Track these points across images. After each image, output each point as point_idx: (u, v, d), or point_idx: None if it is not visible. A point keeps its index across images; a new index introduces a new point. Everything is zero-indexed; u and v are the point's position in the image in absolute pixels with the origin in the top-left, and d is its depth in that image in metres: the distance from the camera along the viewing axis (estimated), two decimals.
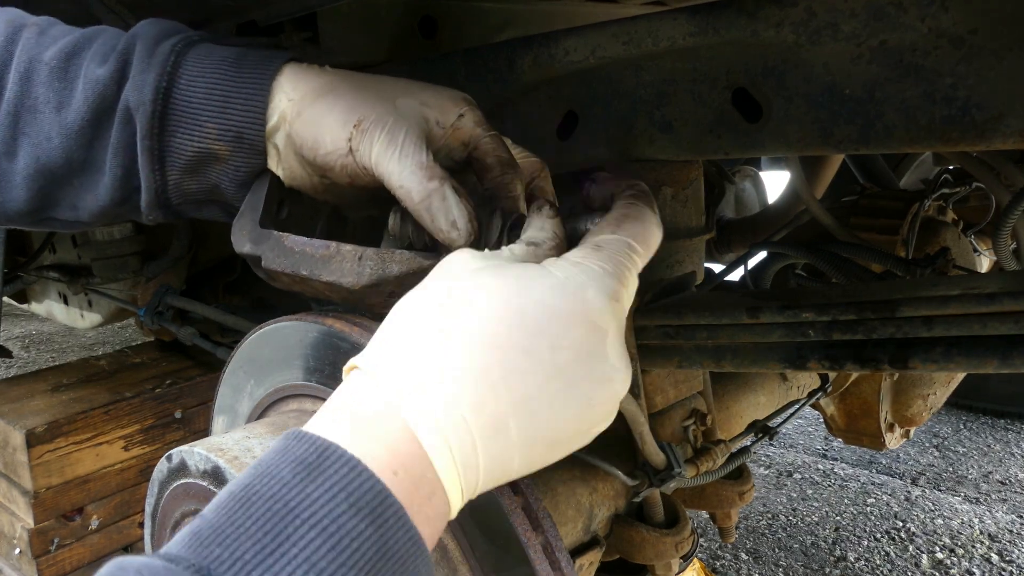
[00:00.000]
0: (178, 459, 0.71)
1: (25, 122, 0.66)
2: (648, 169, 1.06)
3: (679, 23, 0.84)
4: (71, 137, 0.66)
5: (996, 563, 2.43)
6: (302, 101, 0.65)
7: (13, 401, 1.88)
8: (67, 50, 0.66)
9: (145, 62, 0.65)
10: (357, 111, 0.63)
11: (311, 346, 0.73)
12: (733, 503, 1.26)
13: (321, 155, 0.64)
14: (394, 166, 0.61)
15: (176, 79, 0.65)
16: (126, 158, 0.66)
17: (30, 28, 0.68)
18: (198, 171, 0.67)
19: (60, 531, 1.80)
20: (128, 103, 0.65)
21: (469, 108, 0.68)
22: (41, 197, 0.68)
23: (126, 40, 0.67)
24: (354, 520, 0.41)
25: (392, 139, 0.62)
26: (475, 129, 0.68)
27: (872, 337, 1.00)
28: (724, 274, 1.48)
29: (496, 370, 0.47)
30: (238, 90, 0.65)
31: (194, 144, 0.65)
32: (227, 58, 0.66)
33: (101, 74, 0.65)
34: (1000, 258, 1.44)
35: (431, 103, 0.67)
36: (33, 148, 0.66)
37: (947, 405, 3.32)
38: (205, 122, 0.65)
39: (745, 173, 2.35)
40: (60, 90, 0.66)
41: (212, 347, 1.94)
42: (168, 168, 0.66)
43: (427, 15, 1.24)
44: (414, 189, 0.61)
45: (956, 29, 0.69)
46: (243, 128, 0.65)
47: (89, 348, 4.76)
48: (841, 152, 1.20)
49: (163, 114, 0.65)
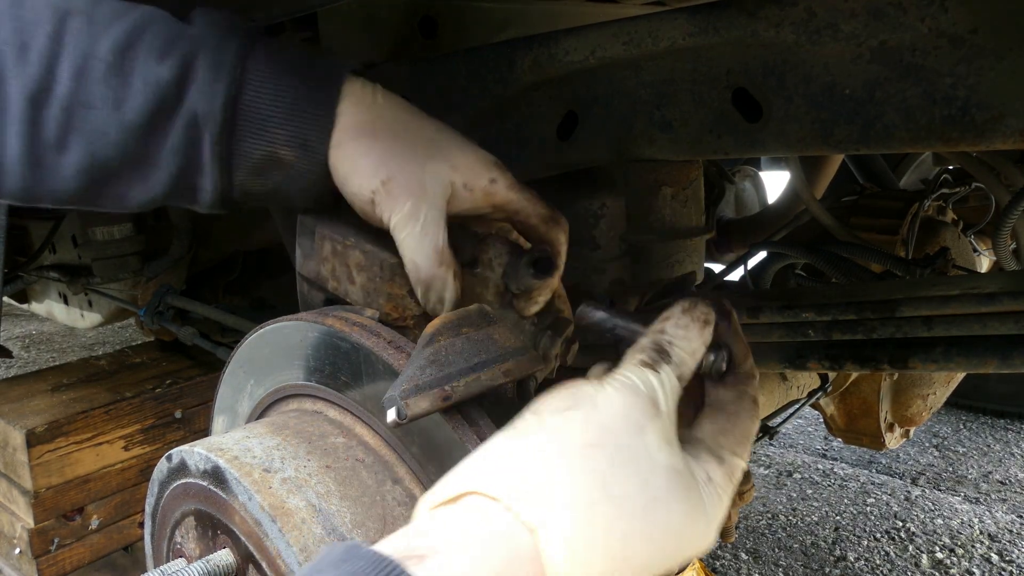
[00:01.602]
0: (178, 459, 0.71)
1: (79, 118, 0.66)
2: (648, 169, 1.06)
3: (679, 23, 0.84)
4: (129, 134, 0.66)
5: (996, 563, 2.43)
6: (344, 132, 0.68)
7: (13, 401, 1.88)
8: (121, 43, 0.66)
9: (212, 71, 0.66)
10: (388, 166, 0.67)
11: (311, 346, 0.73)
12: (733, 503, 1.26)
13: (347, 192, 0.69)
14: (412, 241, 0.66)
15: (244, 86, 0.67)
16: (185, 159, 0.68)
17: (77, 17, 0.66)
18: (263, 173, 0.70)
19: (60, 531, 1.80)
20: (196, 110, 0.66)
21: (500, 172, 0.72)
22: (90, 188, 0.69)
23: (189, 39, 0.67)
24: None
25: (415, 212, 0.66)
26: (508, 194, 0.72)
27: (872, 337, 1.00)
28: (724, 274, 1.48)
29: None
30: (307, 98, 0.68)
31: (261, 148, 0.68)
32: (292, 64, 0.69)
33: (162, 74, 0.66)
34: (1000, 258, 1.44)
35: (461, 167, 0.70)
36: (87, 143, 0.66)
37: (947, 405, 3.32)
38: (273, 128, 0.67)
39: (745, 173, 2.36)
40: (117, 87, 0.66)
41: (212, 347, 1.94)
42: (235, 170, 0.69)
43: (427, 15, 1.24)
44: (423, 268, 0.66)
45: (956, 29, 0.69)
46: (309, 136, 0.68)
47: (89, 348, 4.76)
48: (841, 152, 1.20)
49: (232, 120, 0.67)
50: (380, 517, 0.65)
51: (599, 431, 0.47)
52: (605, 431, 0.47)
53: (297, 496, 0.64)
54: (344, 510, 0.64)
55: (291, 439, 0.70)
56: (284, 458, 0.67)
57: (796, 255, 1.35)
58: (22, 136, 0.65)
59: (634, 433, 0.48)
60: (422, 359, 0.62)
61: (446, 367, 0.62)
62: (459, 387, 0.62)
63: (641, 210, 1.09)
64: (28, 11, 0.65)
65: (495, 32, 1.26)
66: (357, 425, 0.71)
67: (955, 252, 1.44)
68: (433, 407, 0.60)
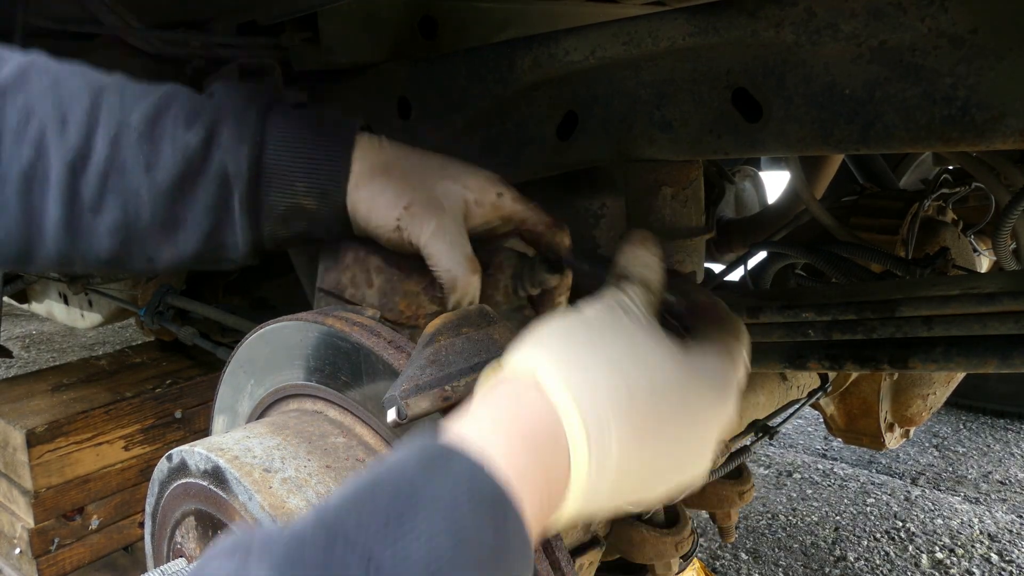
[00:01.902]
0: (178, 459, 0.71)
1: (114, 181, 0.72)
2: (648, 169, 1.06)
3: (679, 23, 0.84)
4: (160, 195, 0.73)
5: (996, 563, 2.43)
6: (360, 175, 0.75)
7: (13, 401, 1.88)
8: (150, 114, 0.73)
9: (236, 134, 0.73)
10: (407, 194, 0.74)
11: (311, 346, 0.73)
12: (733, 503, 1.27)
13: (372, 227, 0.75)
14: (445, 253, 0.73)
15: (265, 146, 0.74)
16: (216, 217, 0.74)
17: (111, 92, 0.74)
18: (289, 221, 0.76)
19: (60, 531, 1.80)
20: (226, 170, 0.73)
21: (505, 188, 0.79)
22: (122, 249, 0.75)
23: (212, 110, 0.75)
24: (474, 515, 0.43)
25: (441, 227, 0.73)
26: (515, 205, 0.79)
27: (872, 337, 1.00)
28: (724, 274, 1.48)
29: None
30: (323, 152, 0.75)
31: (286, 200, 0.75)
32: (307, 123, 0.76)
33: (190, 140, 0.73)
34: (1000, 258, 1.44)
35: (472, 186, 0.77)
36: (121, 204, 0.73)
37: (947, 405, 3.32)
38: (295, 181, 0.74)
39: (745, 173, 2.35)
40: (148, 152, 0.72)
41: (212, 347, 1.94)
42: (263, 221, 0.75)
43: (427, 15, 1.24)
44: (460, 276, 0.73)
45: (956, 29, 0.69)
46: (327, 185, 0.75)
47: (89, 348, 4.76)
48: (841, 152, 1.20)
49: (258, 177, 0.74)
50: None
51: (585, 320, 0.57)
52: (589, 320, 0.57)
53: (297, 496, 0.64)
54: None
55: (291, 439, 0.70)
56: (284, 458, 0.67)
57: (796, 255, 1.35)
58: (61, 202, 0.71)
59: (615, 317, 0.58)
60: (422, 359, 0.62)
61: (446, 367, 0.62)
62: (459, 387, 0.62)
63: (641, 210, 1.09)
64: (66, 90, 0.72)
65: (495, 32, 1.26)
66: (357, 425, 0.71)
67: (955, 252, 1.44)
68: (433, 407, 0.60)
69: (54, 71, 0.74)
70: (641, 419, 0.53)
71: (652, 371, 0.54)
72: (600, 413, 0.51)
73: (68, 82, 0.73)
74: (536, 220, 0.80)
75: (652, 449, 0.53)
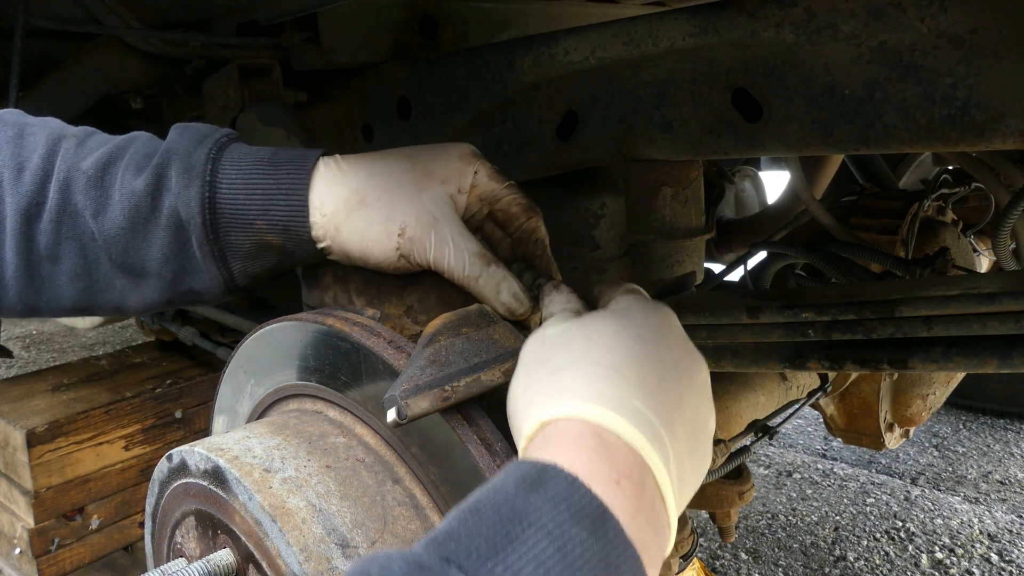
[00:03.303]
0: (178, 459, 0.71)
1: (67, 228, 0.70)
2: (648, 169, 1.06)
3: (679, 23, 0.84)
4: (111, 242, 0.71)
5: (996, 563, 2.43)
6: (335, 216, 0.70)
7: (13, 401, 1.88)
8: (103, 160, 0.71)
9: (185, 177, 0.70)
10: (396, 219, 0.70)
11: (311, 346, 0.73)
12: (733, 503, 1.27)
13: (373, 263, 0.71)
14: (455, 262, 0.69)
15: (217, 186, 0.70)
16: (177, 264, 0.72)
17: (69, 139, 0.73)
18: (258, 257, 0.73)
19: (60, 531, 1.80)
20: (178, 216, 0.70)
21: (480, 163, 0.74)
22: (86, 297, 0.73)
23: (160, 155, 0.72)
24: (576, 528, 0.44)
25: (442, 239, 0.69)
26: (490, 183, 0.74)
27: (872, 337, 1.00)
28: (724, 274, 1.48)
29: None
30: (277, 187, 0.71)
31: (249, 237, 0.71)
32: (261, 159, 0.72)
33: (137, 186, 0.70)
34: (999, 258, 1.44)
35: (450, 177, 0.73)
36: (78, 250, 0.71)
37: (947, 405, 3.32)
38: (254, 220, 0.71)
39: (745, 173, 2.35)
40: (96, 198, 0.70)
41: (212, 347, 1.94)
42: (231, 260, 0.72)
43: (427, 15, 1.24)
44: (480, 276, 0.69)
45: (956, 29, 0.69)
46: (289, 222, 0.71)
47: (89, 348, 4.76)
48: (841, 152, 1.20)
49: (214, 220, 0.70)
50: (380, 517, 0.65)
51: (559, 332, 0.60)
52: (558, 332, 0.60)
53: (297, 496, 0.64)
54: (344, 510, 0.64)
55: (291, 439, 0.70)
56: (284, 458, 0.67)
57: (796, 255, 1.35)
58: (17, 250, 0.70)
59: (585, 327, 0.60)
60: (422, 359, 0.62)
61: (446, 367, 0.62)
62: (459, 387, 0.62)
63: (641, 210, 1.09)
64: (28, 140, 0.72)
65: (495, 32, 1.26)
66: (357, 425, 0.71)
67: (955, 252, 1.44)
68: (433, 407, 0.60)
69: (20, 124, 0.73)
70: (679, 414, 0.55)
71: (657, 363, 0.56)
72: (665, 441, 0.52)
73: (32, 134, 0.72)
74: (511, 200, 0.75)
75: (685, 429, 0.55)
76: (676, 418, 0.54)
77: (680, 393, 0.56)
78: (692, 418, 0.56)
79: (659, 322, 0.61)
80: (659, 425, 0.52)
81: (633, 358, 0.55)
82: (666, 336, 0.60)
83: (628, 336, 0.57)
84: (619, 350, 0.56)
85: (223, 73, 1.29)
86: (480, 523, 0.43)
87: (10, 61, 1.10)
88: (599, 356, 0.55)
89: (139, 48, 1.26)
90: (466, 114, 1.10)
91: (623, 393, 0.52)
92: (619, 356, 0.55)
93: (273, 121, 1.24)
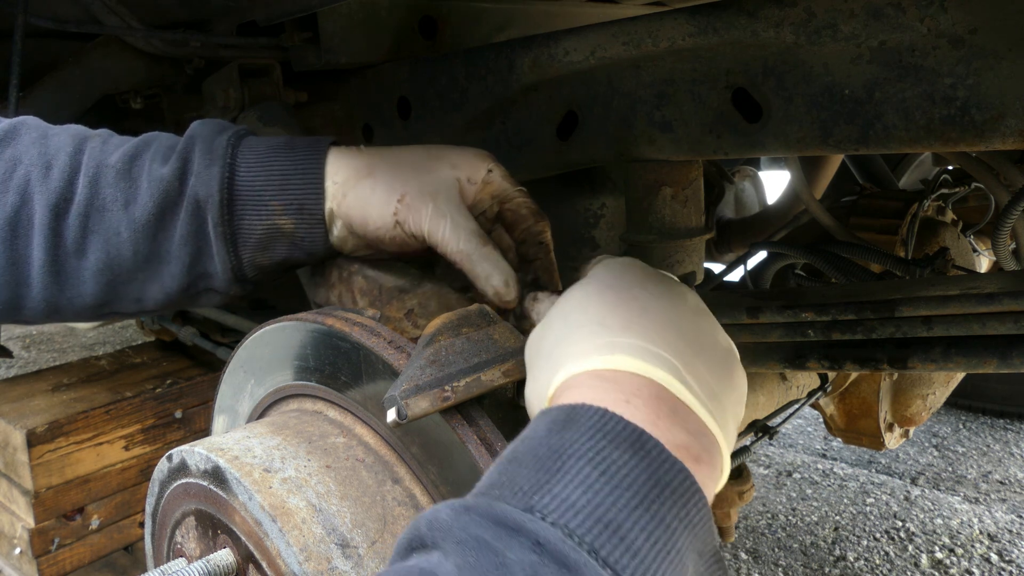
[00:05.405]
0: (178, 459, 0.71)
1: (94, 221, 0.72)
2: (648, 169, 1.06)
3: (679, 23, 0.84)
4: (139, 231, 0.73)
5: (995, 563, 2.43)
6: (346, 183, 0.73)
7: (13, 401, 1.88)
8: (129, 153, 0.74)
9: (207, 158, 0.73)
10: (397, 188, 0.72)
11: (311, 346, 0.73)
12: (733, 502, 1.27)
13: (371, 230, 0.73)
14: (449, 234, 0.71)
15: (236, 167, 0.73)
16: (194, 246, 0.74)
17: (94, 139, 0.75)
18: (268, 247, 0.75)
19: (60, 531, 1.80)
20: (197, 196, 0.73)
21: (495, 165, 0.77)
22: (108, 291, 0.75)
23: (184, 141, 0.75)
24: (617, 452, 0.45)
25: (439, 211, 0.71)
26: (503, 183, 0.77)
27: (872, 337, 1.00)
28: (724, 274, 1.48)
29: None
30: (294, 166, 0.74)
31: (262, 221, 0.74)
32: (279, 144, 0.76)
33: (164, 172, 0.73)
34: (999, 258, 1.44)
35: (461, 165, 0.75)
36: (103, 244, 0.73)
37: (947, 405, 3.32)
38: (269, 200, 0.73)
39: (745, 173, 2.35)
40: (126, 189, 0.73)
41: (212, 347, 1.94)
42: (241, 247, 0.74)
43: (427, 15, 1.24)
44: (473, 252, 0.71)
45: (956, 29, 0.69)
46: (304, 200, 0.73)
47: (89, 348, 4.75)
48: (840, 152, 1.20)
49: (231, 200, 0.73)
50: (380, 517, 0.65)
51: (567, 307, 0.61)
52: (544, 324, 0.62)
53: (297, 496, 0.64)
54: (344, 510, 0.64)
55: (291, 439, 0.70)
56: (284, 458, 0.67)
57: (796, 255, 1.35)
58: (44, 247, 0.72)
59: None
60: (422, 359, 0.62)
61: (446, 367, 0.62)
62: (459, 387, 0.62)
63: (641, 210, 1.09)
64: (53, 141, 0.74)
65: (495, 32, 1.26)
66: (357, 425, 0.71)
67: (954, 252, 1.44)
68: (433, 407, 0.60)
69: (43, 127, 0.75)
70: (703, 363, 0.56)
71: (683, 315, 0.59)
72: (664, 356, 0.53)
73: (56, 135, 0.75)
74: (521, 202, 0.78)
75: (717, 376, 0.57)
76: (670, 336, 0.55)
77: (668, 315, 0.57)
78: (691, 333, 0.57)
79: (621, 270, 0.63)
80: (653, 346, 0.54)
81: (608, 307, 0.57)
82: (637, 277, 0.62)
83: (596, 291, 0.60)
84: (593, 306, 0.58)
85: (223, 73, 1.29)
86: (520, 467, 0.45)
87: (10, 61, 1.10)
88: (578, 319, 0.57)
89: (139, 48, 1.26)
90: (466, 114, 1.11)
91: (612, 337, 0.54)
92: (596, 311, 0.57)
93: (273, 121, 1.24)
